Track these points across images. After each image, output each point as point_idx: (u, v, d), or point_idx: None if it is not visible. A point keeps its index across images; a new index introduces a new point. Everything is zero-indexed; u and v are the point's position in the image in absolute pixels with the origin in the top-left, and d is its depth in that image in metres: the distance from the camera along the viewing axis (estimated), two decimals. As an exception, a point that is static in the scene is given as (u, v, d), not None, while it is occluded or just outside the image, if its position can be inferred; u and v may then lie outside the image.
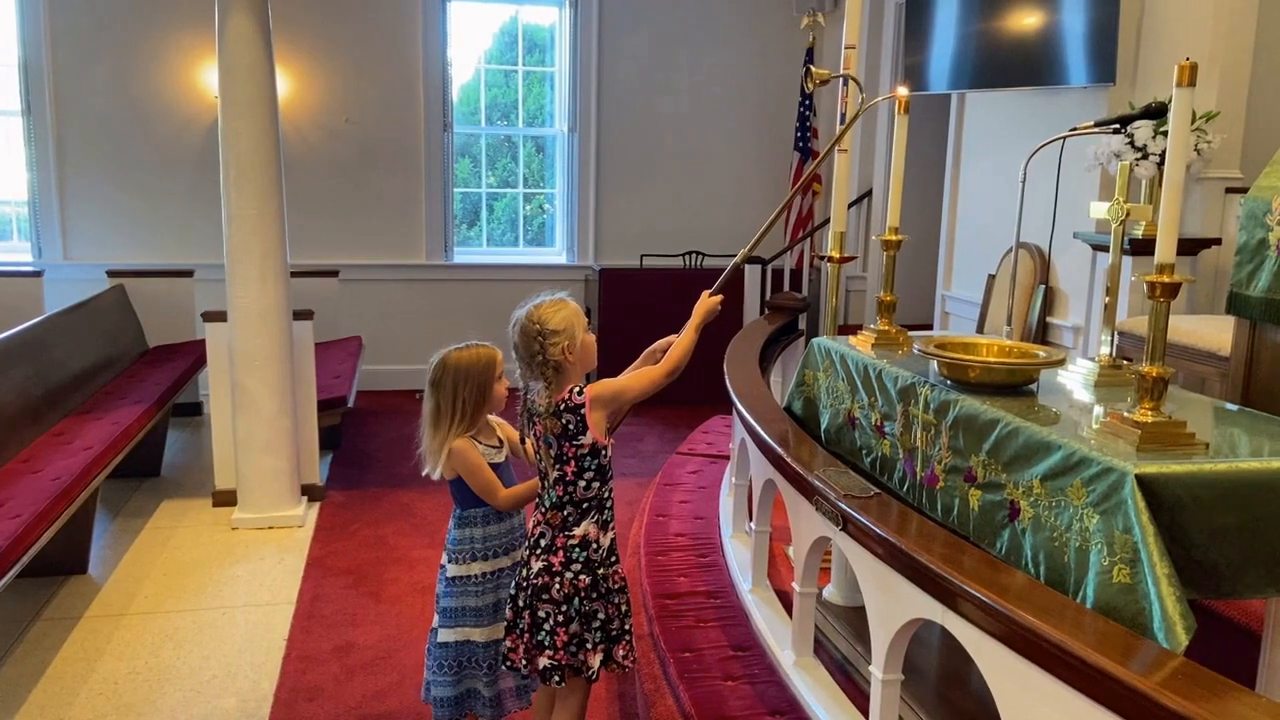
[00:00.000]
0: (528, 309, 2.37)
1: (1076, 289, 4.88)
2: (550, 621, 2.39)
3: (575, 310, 2.39)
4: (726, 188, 7.74)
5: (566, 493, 2.39)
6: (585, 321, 2.41)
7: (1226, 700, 1.47)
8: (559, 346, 2.33)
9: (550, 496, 2.42)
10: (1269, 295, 2.67)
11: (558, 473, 2.38)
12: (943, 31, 5.42)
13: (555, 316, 2.34)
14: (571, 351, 2.34)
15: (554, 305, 2.37)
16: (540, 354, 2.34)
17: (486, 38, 7.60)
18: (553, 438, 2.36)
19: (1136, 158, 4.11)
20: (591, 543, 2.41)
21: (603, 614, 2.43)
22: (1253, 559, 1.88)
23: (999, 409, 2.25)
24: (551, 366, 2.34)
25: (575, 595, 2.39)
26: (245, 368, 4.60)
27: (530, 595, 2.42)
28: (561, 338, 2.33)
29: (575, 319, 2.36)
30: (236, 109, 4.47)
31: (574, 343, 2.34)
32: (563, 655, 2.39)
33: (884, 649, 2.23)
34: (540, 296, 2.40)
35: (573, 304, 2.40)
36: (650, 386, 2.44)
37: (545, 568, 2.40)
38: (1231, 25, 4.32)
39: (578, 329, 2.36)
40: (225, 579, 4.13)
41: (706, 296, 2.62)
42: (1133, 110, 3.31)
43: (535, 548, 2.44)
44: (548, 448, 2.38)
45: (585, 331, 2.39)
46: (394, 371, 7.26)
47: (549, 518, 2.42)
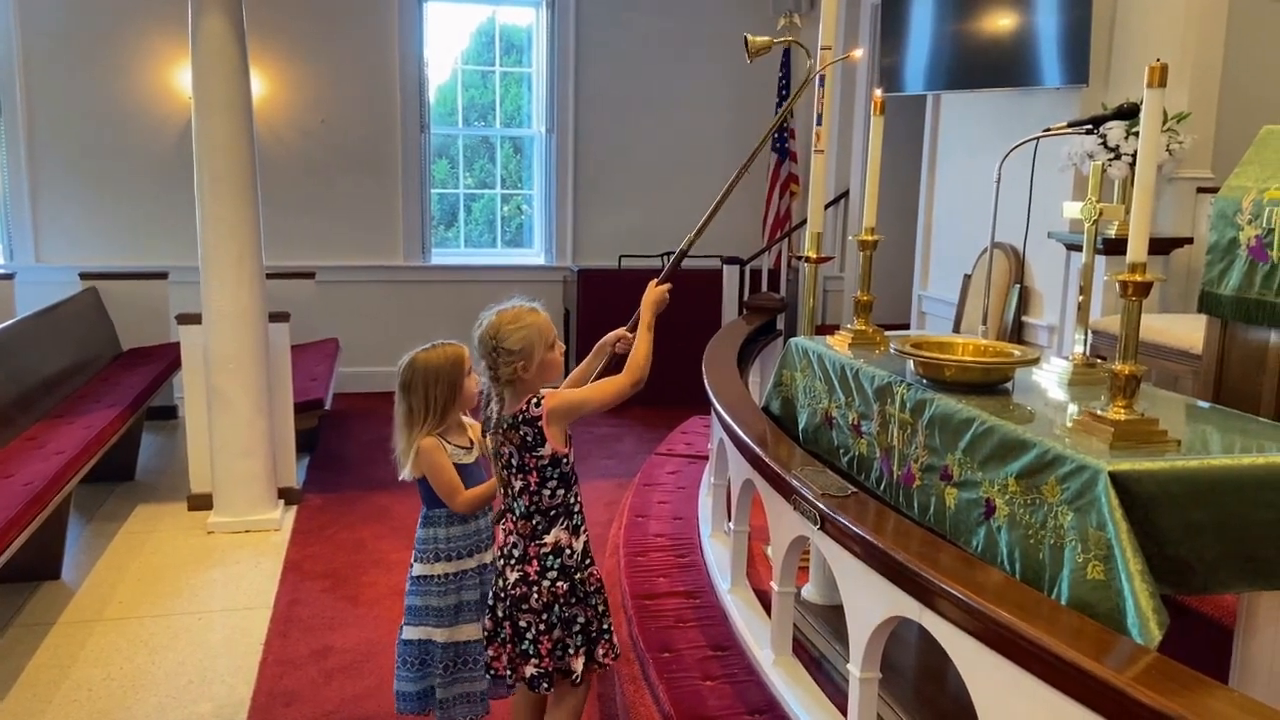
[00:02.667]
0: (490, 317, 2.31)
1: (1051, 288, 4.92)
2: (533, 630, 2.37)
3: (539, 328, 2.30)
4: (704, 188, 7.72)
5: (533, 502, 2.35)
6: (551, 337, 2.33)
7: (1199, 695, 1.49)
8: (512, 367, 2.27)
9: (518, 506, 2.37)
10: (1239, 294, 2.71)
11: (521, 482, 2.34)
12: (918, 33, 5.45)
13: (514, 336, 2.27)
14: (526, 371, 2.28)
15: (515, 321, 2.29)
16: (492, 370, 2.30)
17: (463, 38, 7.57)
18: (513, 448, 2.32)
19: (1109, 158, 4.15)
20: (565, 549, 2.37)
21: (582, 618, 2.41)
22: (1225, 555, 1.90)
23: (974, 408, 2.26)
24: (503, 383, 2.30)
25: (555, 602, 2.36)
26: (220, 370, 4.56)
27: (509, 606, 2.38)
28: (516, 358, 2.27)
29: (537, 338, 2.29)
30: (210, 110, 4.43)
31: (530, 363, 2.27)
32: (549, 662, 2.36)
33: (861, 647, 2.24)
34: (510, 302, 2.34)
35: (539, 318, 2.32)
36: (614, 398, 2.35)
37: (522, 578, 2.37)
38: (1202, 27, 4.37)
39: (538, 349, 2.29)
40: (201, 583, 4.10)
41: (653, 287, 2.49)
42: (1105, 111, 3.34)
43: (509, 558, 2.40)
44: (508, 457, 2.33)
45: (548, 350, 2.32)
46: (371, 373, 7.22)
47: (519, 527, 2.37)
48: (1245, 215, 2.69)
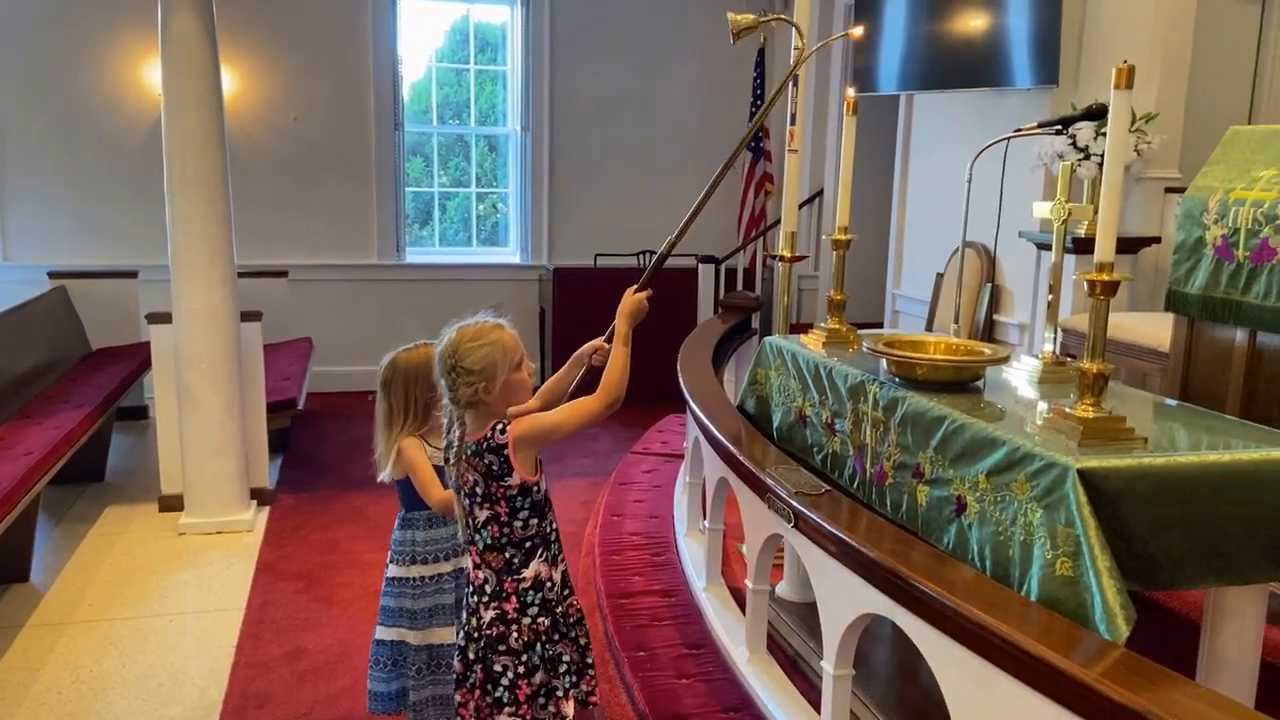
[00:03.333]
0: (450, 334, 2.12)
1: (1022, 287, 4.97)
2: (510, 674, 2.15)
3: (503, 346, 2.10)
4: (680, 187, 7.74)
5: (503, 534, 2.15)
6: (517, 356, 2.13)
7: (1166, 689, 1.51)
8: (473, 388, 2.07)
9: (484, 538, 2.17)
10: (1206, 293, 2.74)
11: (488, 513, 2.15)
12: (891, 33, 5.48)
13: (474, 354, 2.07)
14: (489, 393, 2.08)
15: (476, 338, 2.09)
16: (452, 391, 2.10)
17: (438, 36, 7.54)
18: (478, 476, 2.12)
19: (1079, 158, 4.19)
20: (545, 581, 2.19)
21: (568, 655, 2.23)
22: (1191, 551, 1.93)
23: (946, 406, 2.28)
24: (464, 405, 2.10)
25: (536, 641, 2.17)
26: (191, 370, 4.52)
27: (484, 647, 2.17)
28: (477, 379, 2.07)
29: (500, 357, 2.08)
30: (181, 107, 4.39)
31: (493, 384, 2.07)
32: (527, 710, 2.15)
33: (835, 644, 2.26)
34: (474, 318, 2.14)
35: (503, 335, 2.12)
36: (587, 421, 2.16)
37: (499, 616, 2.16)
38: (1170, 28, 4.42)
39: (500, 368, 2.08)
40: (172, 585, 4.06)
41: (631, 294, 2.30)
42: (1074, 112, 3.38)
43: (482, 594, 2.18)
44: (472, 485, 2.14)
45: (513, 370, 2.11)
46: (345, 373, 7.18)
47: (488, 560, 2.17)
48: (1212, 215, 2.73)
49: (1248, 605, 2.10)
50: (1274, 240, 2.54)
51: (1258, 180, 2.64)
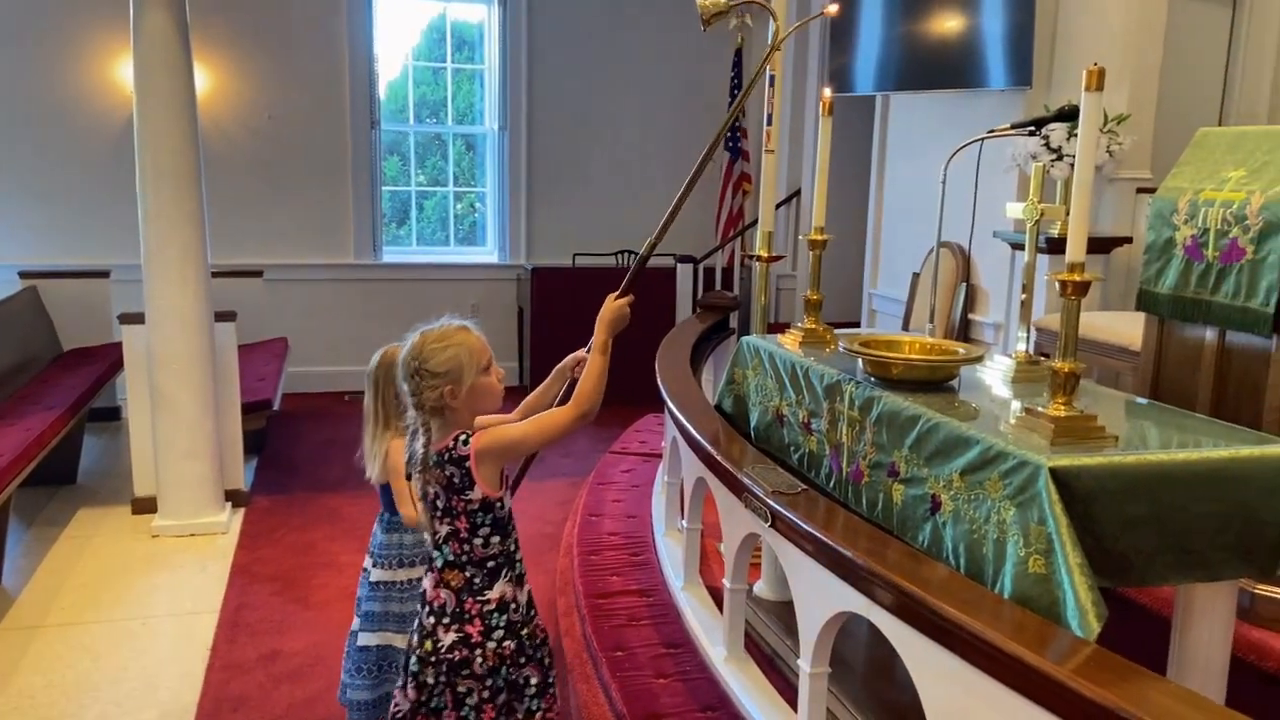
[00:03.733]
0: (414, 338, 2.04)
1: (997, 287, 5.01)
2: (474, 697, 2.07)
3: (470, 348, 2.02)
4: (658, 186, 7.76)
5: (464, 551, 2.06)
6: (484, 360, 2.04)
7: (1136, 685, 1.53)
8: (437, 391, 1.98)
9: (444, 554, 2.08)
10: (1176, 293, 2.77)
11: (448, 528, 2.06)
12: (868, 34, 5.51)
13: (439, 355, 1.98)
14: (455, 397, 1.99)
15: (442, 339, 2.01)
16: (415, 396, 2.00)
17: (414, 34, 7.51)
18: (439, 489, 2.04)
19: (1052, 159, 4.23)
20: (510, 603, 2.09)
21: (535, 678, 2.14)
22: (1161, 547, 1.95)
23: (920, 405, 2.29)
24: (428, 411, 2.01)
25: (502, 665, 2.08)
26: (164, 371, 4.48)
27: (446, 671, 2.07)
28: (441, 381, 1.98)
29: (467, 359, 2.00)
30: (153, 105, 4.35)
31: (459, 387, 1.99)
32: None
33: (811, 643, 2.26)
34: (439, 322, 2.06)
35: (470, 337, 2.04)
36: (557, 434, 2.06)
37: (462, 639, 2.06)
38: (1141, 31, 4.47)
39: (467, 371, 1.99)
40: (146, 588, 4.03)
41: (611, 300, 2.20)
42: (1047, 113, 3.41)
43: (442, 616, 2.08)
44: (433, 498, 2.06)
45: (481, 373, 2.02)
46: (321, 373, 7.14)
47: (447, 579, 2.08)
48: (1181, 215, 2.76)
49: (1217, 602, 2.13)
50: (1243, 241, 2.57)
51: (1227, 181, 2.67)
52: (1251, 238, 2.54)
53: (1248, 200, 2.56)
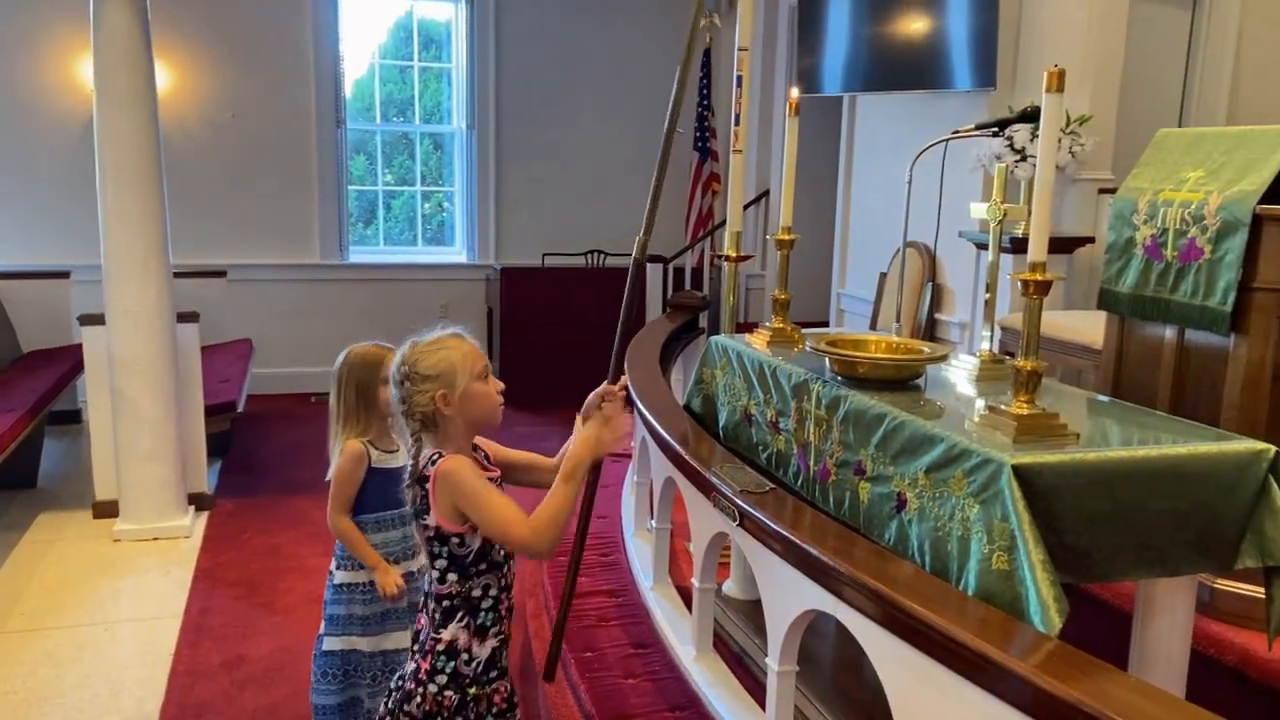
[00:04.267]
0: (405, 347, 1.93)
1: (962, 286, 5.05)
2: None
3: (465, 353, 1.90)
4: (628, 186, 7.76)
5: (430, 581, 1.95)
6: (479, 367, 1.91)
7: (1097, 680, 1.54)
8: (428, 395, 1.85)
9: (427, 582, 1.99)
10: (1136, 292, 2.81)
11: (426, 555, 1.94)
12: (835, 35, 5.54)
13: (430, 358, 1.87)
14: (447, 404, 1.86)
15: (433, 344, 1.89)
16: (405, 403, 1.88)
17: (381, 32, 7.46)
18: (414, 507, 1.92)
19: (1015, 160, 4.27)
20: (460, 652, 1.91)
21: None
22: (1122, 543, 1.98)
23: (886, 404, 2.31)
24: (418, 420, 1.87)
25: (437, 714, 1.91)
26: (126, 373, 4.42)
27: (398, 699, 1.96)
28: (432, 385, 1.85)
29: (460, 361, 1.88)
30: (113, 103, 4.29)
31: (451, 392, 1.85)
32: None
33: (779, 641, 2.27)
34: (431, 331, 1.94)
35: (463, 344, 1.91)
36: (499, 533, 1.85)
37: (414, 672, 1.95)
38: (1103, 33, 4.53)
39: (460, 374, 1.86)
40: (107, 593, 3.97)
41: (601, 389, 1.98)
42: (1011, 114, 3.44)
43: (414, 642, 2.01)
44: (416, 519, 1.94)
45: (476, 379, 1.89)
46: (286, 375, 7.07)
47: (427, 604, 1.98)
48: (1141, 215, 2.80)
49: (1177, 596, 2.16)
50: (1201, 240, 2.61)
51: (1185, 181, 2.71)
52: (1209, 237, 2.59)
53: (1205, 200, 2.61)
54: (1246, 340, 2.54)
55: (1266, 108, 5.25)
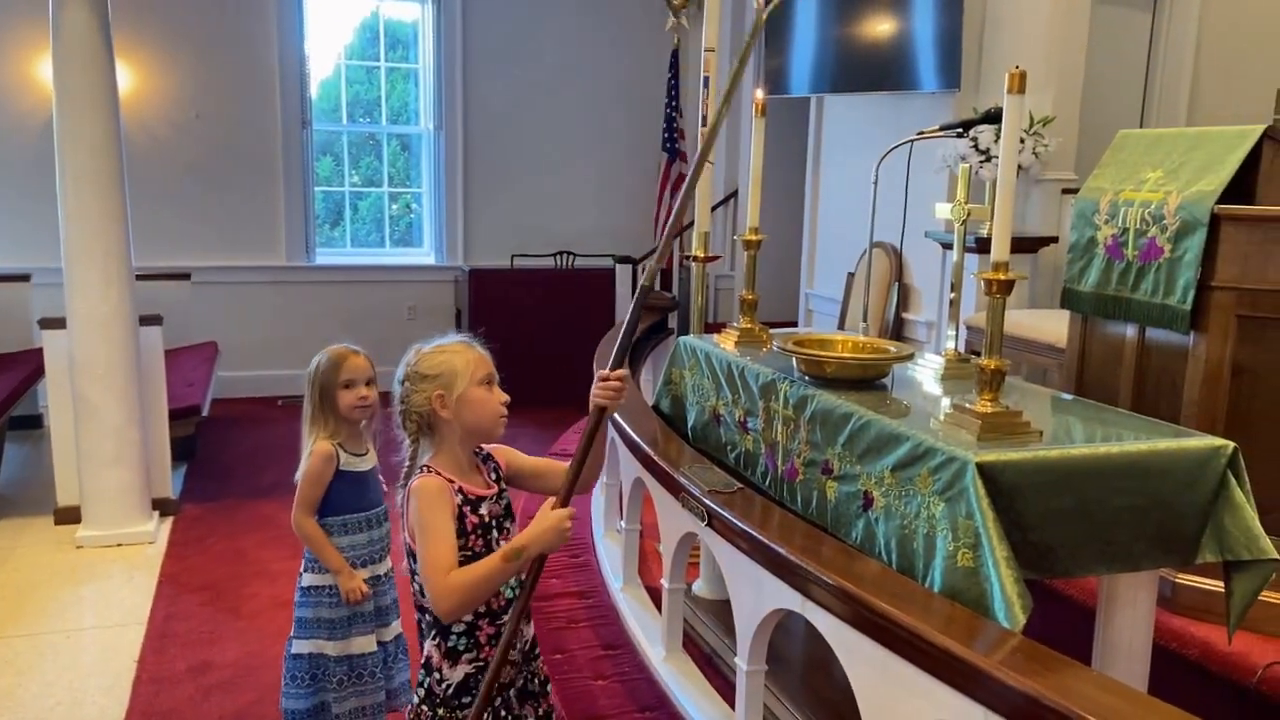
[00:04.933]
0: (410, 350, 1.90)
1: (929, 286, 5.09)
2: None
3: (469, 359, 1.85)
4: (597, 188, 7.76)
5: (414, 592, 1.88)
6: (483, 374, 1.85)
7: (1060, 675, 1.57)
8: (425, 395, 1.81)
9: None
10: (1098, 291, 2.85)
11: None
12: (802, 36, 5.56)
13: (432, 359, 1.83)
14: (444, 406, 1.81)
15: (439, 347, 1.86)
16: (404, 403, 1.84)
17: (347, 33, 7.39)
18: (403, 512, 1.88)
19: (980, 160, 4.32)
20: (434, 670, 1.85)
21: None
22: (1085, 539, 2.00)
23: (853, 403, 2.32)
24: (415, 421, 1.83)
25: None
26: (87, 377, 4.35)
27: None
28: (430, 385, 1.81)
29: (461, 365, 1.83)
30: (73, 103, 4.22)
31: (449, 395, 1.81)
32: None
33: (748, 640, 2.28)
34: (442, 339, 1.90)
35: (472, 351, 1.87)
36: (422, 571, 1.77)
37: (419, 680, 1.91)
38: (1066, 35, 4.58)
39: (460, 377, 1.82)
40: (70, 600, 3.90)
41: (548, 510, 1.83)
42: (975, 115, 3.48)
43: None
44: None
45: (477, 385, 1.83)
46: (253, 378, 6.99)
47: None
48: (1103, 215, 2.84)
49: (1139, 591, 2.19)
50: (1160, 240, 2.65)
51: (1145, 182, 2.75)
52: (1169, 237, 2.62)
53: (1165, 200, 2.64)
54: (1205, 338, 2.59)
55: (1226, 109, 5.34)
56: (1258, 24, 5.53)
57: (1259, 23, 5.54)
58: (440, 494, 1.79)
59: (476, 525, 1.84)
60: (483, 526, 1.85)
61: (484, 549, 1.83)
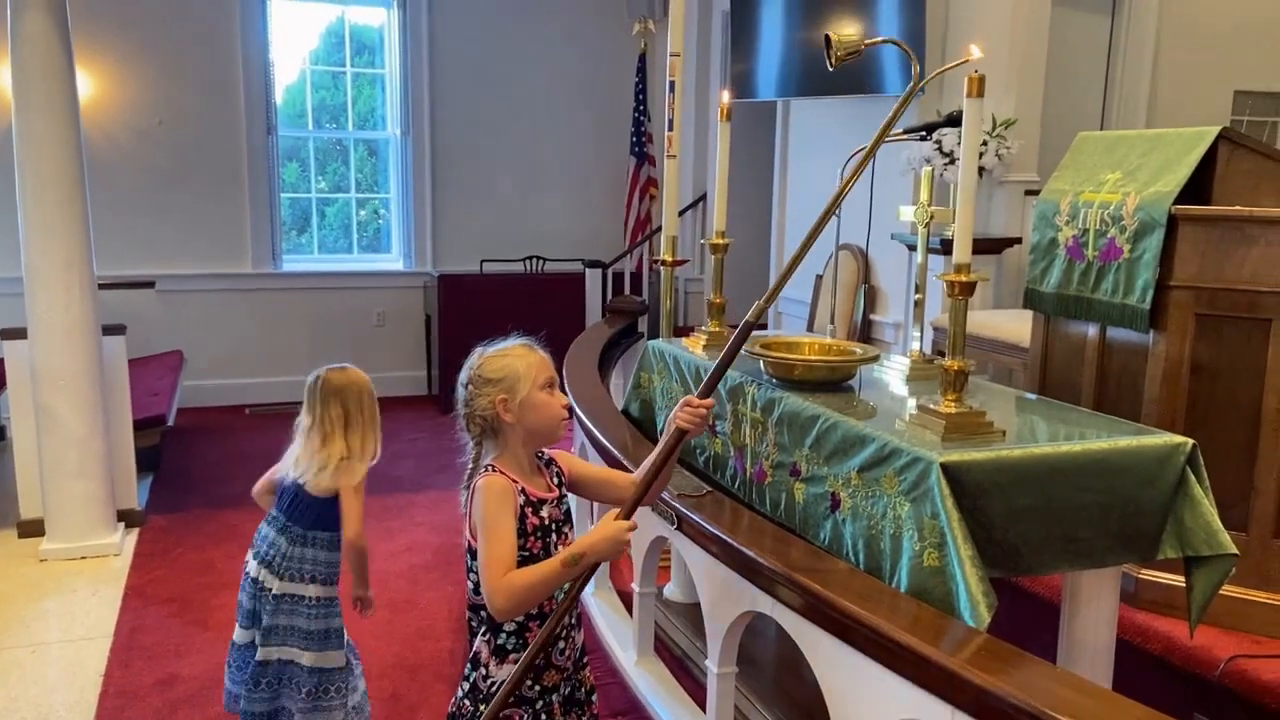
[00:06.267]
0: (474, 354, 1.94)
1: (895, 287, 5.13)
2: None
3: (531, 362, 1.88)
4: (565, 192, 7.75)
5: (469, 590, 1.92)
6: (544, 377, 1.89)
7: (1024, 672, 1.58)
8: (489, 399, 1.85)
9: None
10: (1060, 291, 2.88)
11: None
12: (768, 40, 5.59)
13: (495, 363, 1.87)
14: (507, 410, 1.84)
15: (503, 351, 1.90)
16: (468, 406, 1.88)
17: (312, 38, 7.34)
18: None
19: (945, 163, 4.36)
20: (481, 665, 1.89)
21: None
22: (1049, 537, 2.03)
23: (820, 405, 2.34)
24: (479, 424, 1.87)
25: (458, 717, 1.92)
26: (50, 388, 4.29)
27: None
28: (494, 389, 1.84)
29: (524, 369, 1.86)
30: (33, 111, 4.17)
31: (512, 398, 1.84)
32: None
33: (718, 643, 2.29)
34: (504, 342, 1.94)
35: (534, 354, 1.91)
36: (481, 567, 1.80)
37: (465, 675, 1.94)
38: (1027, 38, 4.64)
39: (523, 381, 1.85)
40: (34, 614, 3.84)
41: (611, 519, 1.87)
42: (939, 118, 3.51)
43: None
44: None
45: (539, 389, 1.86)
46: (219, 387, 6.92)
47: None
48: (1063, 217, 2.87)
49: (1102, 588, 2.22)
50: (1120, 240, 2.69)
51: (1104, 183, 2.79)
52: (1128, 237, 2.66)
53: (1124, 201, 2.68)
54: (1165, 337, 2.63)
55: (1184, 110, 5.43)
56: (1214, 27, 5.63)
57: (1215, 26, 5.64)
58: (505, 493, 1.83)
59: (536, 527, 1.86)
60: (542, 529, 1.87)
61: (542, 551, 1.85)
